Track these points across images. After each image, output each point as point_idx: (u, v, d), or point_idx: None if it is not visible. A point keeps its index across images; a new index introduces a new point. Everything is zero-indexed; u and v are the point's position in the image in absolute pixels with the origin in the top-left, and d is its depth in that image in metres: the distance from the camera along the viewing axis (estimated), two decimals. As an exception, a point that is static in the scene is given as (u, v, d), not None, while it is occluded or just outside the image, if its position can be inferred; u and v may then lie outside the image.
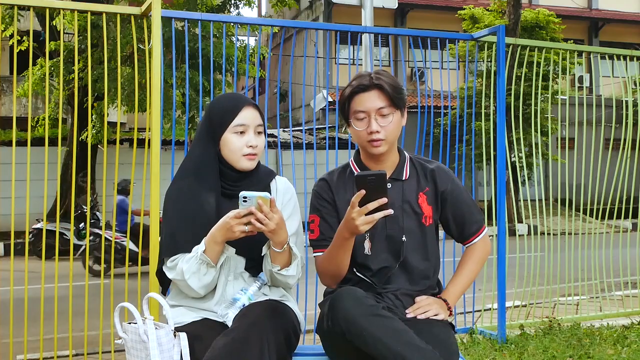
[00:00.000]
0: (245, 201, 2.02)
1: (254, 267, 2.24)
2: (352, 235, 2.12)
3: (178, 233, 2.20)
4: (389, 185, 2.25)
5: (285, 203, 2.33)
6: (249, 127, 2.23)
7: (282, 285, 2.26)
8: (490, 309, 5.35)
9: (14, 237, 3.93)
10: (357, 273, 2.31)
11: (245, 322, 2.00)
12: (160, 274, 2.28)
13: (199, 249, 2.12)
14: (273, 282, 2.24)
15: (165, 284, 2.31)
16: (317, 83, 15.11)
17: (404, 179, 2.33)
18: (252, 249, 2.20)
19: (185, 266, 2.13)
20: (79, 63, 6.42)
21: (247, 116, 2.24)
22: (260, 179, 2.31)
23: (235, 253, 2.20)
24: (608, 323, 4.93)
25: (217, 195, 2.24)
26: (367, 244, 2.29)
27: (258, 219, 2.02)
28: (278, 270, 2.16)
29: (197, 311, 2.20)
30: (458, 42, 6.80)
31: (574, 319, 5.04)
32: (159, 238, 2.66)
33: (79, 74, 6.21)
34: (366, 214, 2.02)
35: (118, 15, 4.01)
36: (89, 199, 4.28)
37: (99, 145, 12.42)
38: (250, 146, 2.23)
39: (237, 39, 11.26)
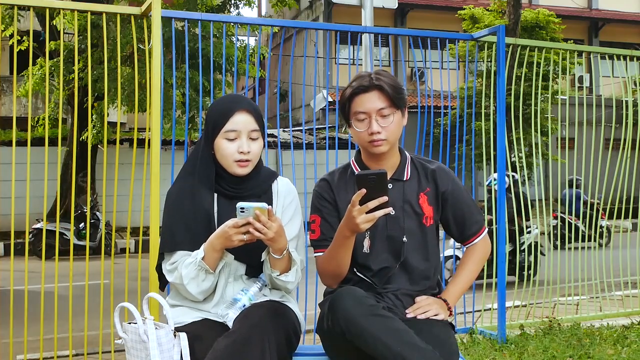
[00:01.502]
0: (242, 212, 2.01)
1: (253, 272, 2.24)
2: (352, 233, 2.12)
3: (178, 231, 2.20)
4: (390, 186, 2.25)
5: (287, 206, 2.31)
6: (241, 133, 2.18)
7: (282, 289, 2.26)
8: (490, 309, 5.35)
9: (14, 237, 3.93)
10: (357, 273, 2.30)
11: (247, 323, 2.00)
12: (160, 270, 2.28)
13: (198, 255, 2.11)
14: (273, 285, 2.24)
15: (163, 280, 2.31)
16: (317, 83, 15.11)
17: (405, 179, 2.33)
18: (251, 256, 2.20)
19: (185, 271, 2.12)
20: (79, 63, 6.41)
21: (239, 121, 2.18)
22: (260, 182, 2.28)
23: (234, 259, 2.20)
24: (608, 323, 4.93)
25: (217, 195, 2.23)
26: (366, 242, 2.29)
27: (256, 228, 2.01)
28: (277, 275, 2.16)
29: (197, 311, 2.20)
30: (458, 42, 6.80)
31: (574, 319, 5.03)
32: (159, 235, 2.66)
33: (79, 74, 6.21)
34: (367, 213, 2.02)
35: (118, 15, 4.01)
36: (89, 199, 4.29)
37: (99, 145, 12.42)
38: (242, 152, 2.18)
39: (237, 39, 11.24)
